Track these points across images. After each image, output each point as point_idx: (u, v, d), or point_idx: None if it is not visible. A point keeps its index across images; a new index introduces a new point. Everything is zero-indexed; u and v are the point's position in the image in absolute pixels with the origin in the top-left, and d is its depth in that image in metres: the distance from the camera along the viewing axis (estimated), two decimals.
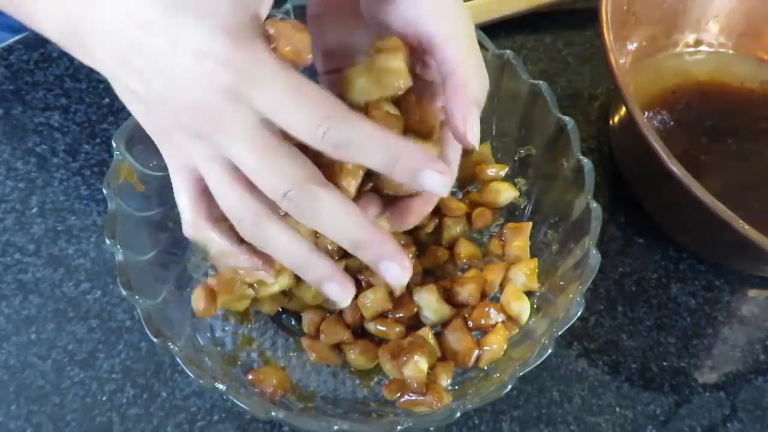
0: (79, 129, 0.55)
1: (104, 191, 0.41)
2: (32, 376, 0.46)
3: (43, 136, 0.55)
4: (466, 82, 0.35)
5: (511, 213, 0.51)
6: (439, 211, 0.48)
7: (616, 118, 0.58)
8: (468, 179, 0.50)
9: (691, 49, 0.65)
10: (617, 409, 0.48)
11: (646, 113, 0.60)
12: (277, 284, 0.42)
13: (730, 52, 0.65)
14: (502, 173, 0.49)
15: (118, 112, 0.56)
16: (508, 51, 0.48)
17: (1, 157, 0.54)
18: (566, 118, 0.46)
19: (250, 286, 0.42)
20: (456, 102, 0.35)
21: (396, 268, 0.33)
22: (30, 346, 0.47)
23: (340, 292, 0.35)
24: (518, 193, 0.50)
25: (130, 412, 0.45)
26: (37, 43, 0.59)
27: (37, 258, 0.50)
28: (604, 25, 0.51)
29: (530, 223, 0.48)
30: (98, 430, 0.44)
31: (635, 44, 0.61)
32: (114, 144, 0.42)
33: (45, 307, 0.48)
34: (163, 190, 0.46)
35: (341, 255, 0.44)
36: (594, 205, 0.43)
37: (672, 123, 0.60)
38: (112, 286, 0.49)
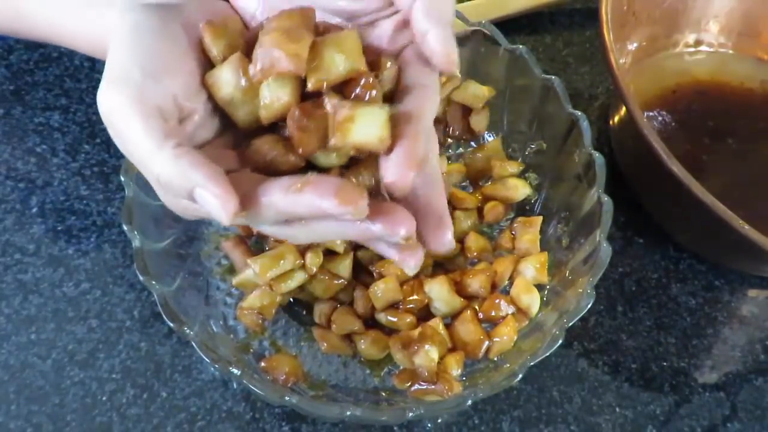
0: (79, 129, 0.55)
1: (122, 178, 0.41)
2: (32, 376, 0.46)
3: (43, 136, 0.55)
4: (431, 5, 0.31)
5: (522, 207, 0.51)
6: (450, 204, 0.48)
7: (616, 118, 0.58)
8: (480, 174, 0.50)
9: (691, 49, 0.65)
10: (617, 409, 0.48)
11: (646, 113, 0.60)
12: (295, 280, 0.43)
13: (730, 51, 0.65)
14: (516, 170, 0.49)
15: None
16: (520, 46, 0.48)
17: (1, 157, 0.54)
18: (578, 113, 0.46)
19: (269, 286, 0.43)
20: (427, 23, 0.30)
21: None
22: (30, 346, 0.47)
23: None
24: (531, 190, 0.50)
25: (130, 412, 0.45)
26: (37, 43, 0.59)
27: (37, 258, 0.50)
28: (604, 25, 0.51)
29: (540, 217, 0.48)
30: (98, 430, 0.44)
31: (635, 44, 0.61)
32: None
33: (45, 307, 0.48)
34: None
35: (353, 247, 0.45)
36: (605, 198, 0.43)
37: (672, 123, 0.60)
38: (112, 286, 0.49)
